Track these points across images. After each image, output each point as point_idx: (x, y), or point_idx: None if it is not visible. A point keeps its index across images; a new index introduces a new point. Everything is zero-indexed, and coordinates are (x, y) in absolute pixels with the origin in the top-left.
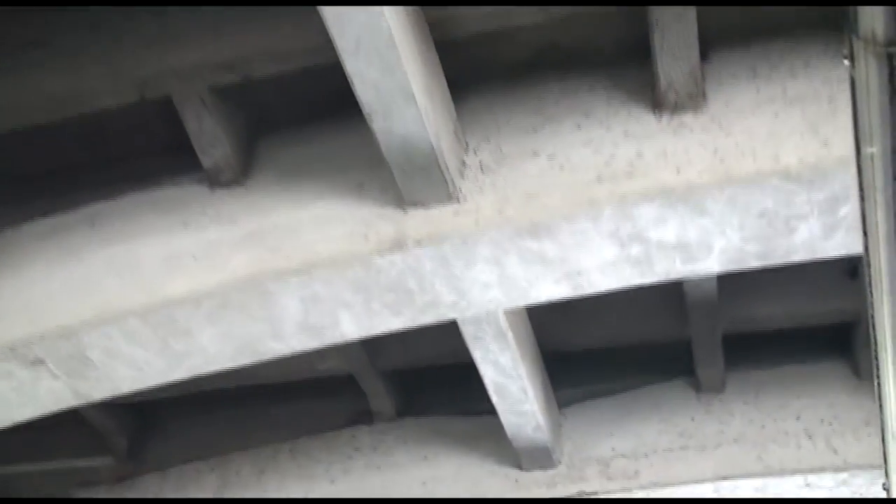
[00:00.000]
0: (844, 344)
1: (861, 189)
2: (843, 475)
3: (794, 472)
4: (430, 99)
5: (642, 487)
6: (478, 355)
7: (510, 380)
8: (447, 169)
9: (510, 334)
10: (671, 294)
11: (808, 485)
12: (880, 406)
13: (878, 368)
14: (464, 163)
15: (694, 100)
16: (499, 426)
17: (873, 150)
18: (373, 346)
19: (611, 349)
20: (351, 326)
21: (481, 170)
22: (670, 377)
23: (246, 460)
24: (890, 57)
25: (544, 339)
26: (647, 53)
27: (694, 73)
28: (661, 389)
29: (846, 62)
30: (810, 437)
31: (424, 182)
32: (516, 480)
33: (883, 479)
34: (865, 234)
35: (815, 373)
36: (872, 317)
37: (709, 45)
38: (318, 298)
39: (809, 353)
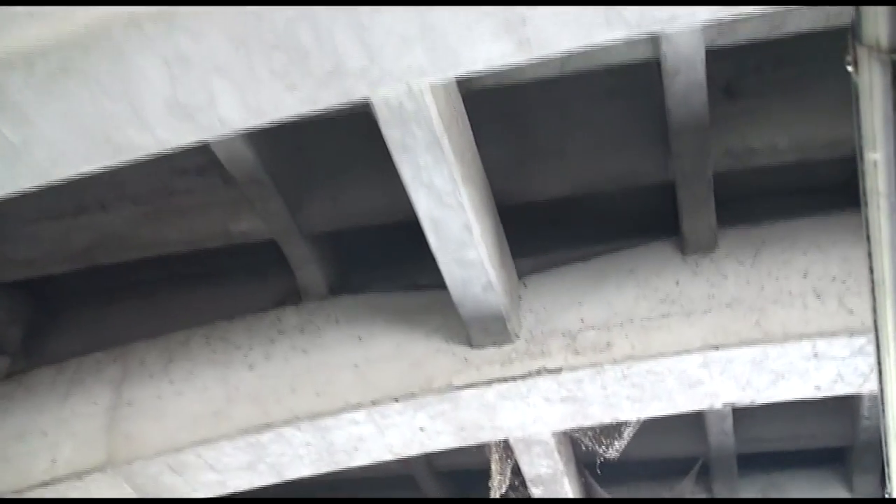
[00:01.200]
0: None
1: (864, 194)
2: (860, 340)
3: (801, 337)
4: None
5: (615, 361)
6: (408, 176)
7: (449, 211)
8: None
9: (446, 141)
10: (652, 120)
11: (816, 355)
12: (883, 410)
13: (881, 374)
14: None
15: None
16: (448, 301)
17: (876, 156)
18: (296, 201)
19: (578, 204)
20: (231, 104)
21: None
22: (651, 237)
23: (153, 349)
24: (894, 63)
25: (499, 191)
26: None
27: None
28: (639, 252)
29: (849, 68)
30: (819, 297)
31: None
32: (465, 359)
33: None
34: (869, 239)
35: (825, 226)
36: (876, 322)
37: None
38: (186, 60)
39: (816, 202)
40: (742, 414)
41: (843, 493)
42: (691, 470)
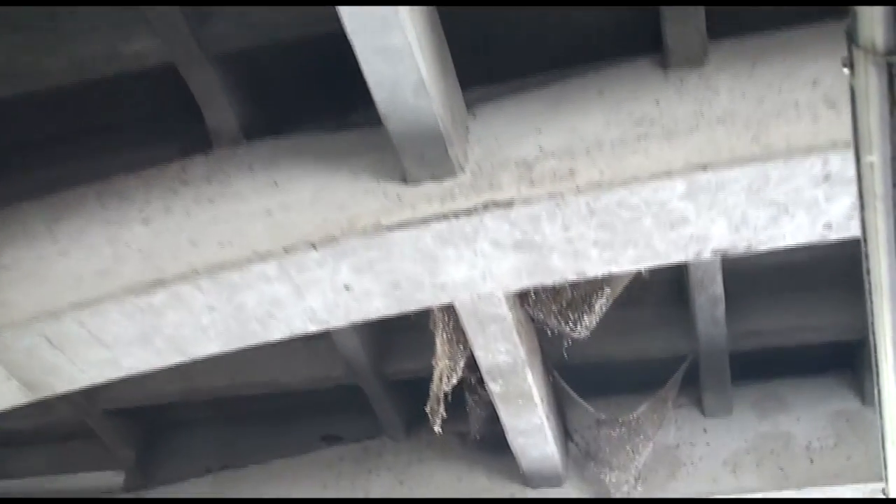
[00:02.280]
0: None
1: (861, 197)
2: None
3: (809, 150)
4: None
5: (578, 191)
6: None
7: None
8: None
9: None
10: None
11: (827, 177)
12: (881, 413)
13: (877, 376)
14: None
15: None
16: (382, 139)
17: (873, 158)
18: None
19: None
20: None
21: None
22: (625, 55)
23: (38, 209)
24: (890, 66)
25: None
26: None
27: None
28: (612, 72)
29: (846, 71)
30: (834, 106)
31: None
32: (398, 197)
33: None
34: (865, 241)
35: (836, 32)
36: (873, 324)
37: None
38: None
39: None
40: (736, 301)
41: (852, 403)
42: (675, 374)
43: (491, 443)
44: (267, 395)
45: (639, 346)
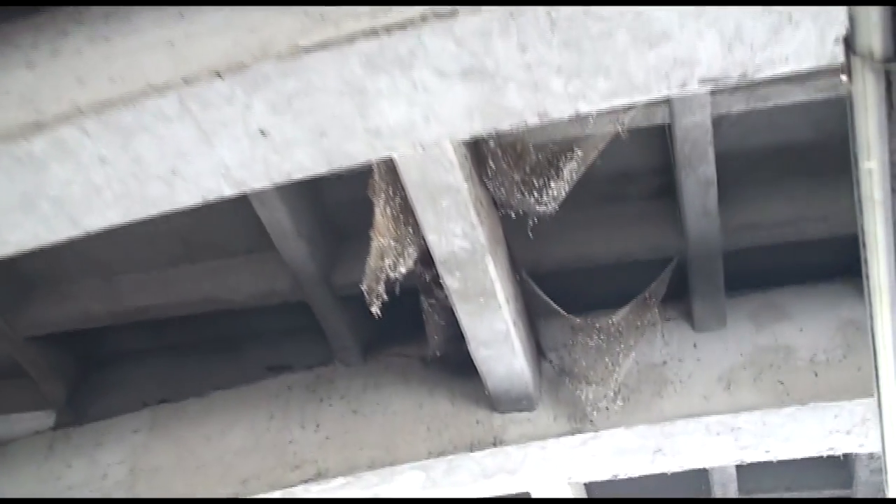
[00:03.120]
0: None
1: (860, 202)
2: None
3: None
4: None
5: None
6: None
7: None
8: None
9: None
10: None
11: None
12: (881, 417)
13: (878, 378)
14: None
15: None
16: None
17: (871, 164)
18: None
19: None
20: None
21: None
22: None
23: None
24: (888, 73)
25: None
26: None
27: None
28: None
29: (843, 77)
30: None
31: None
32: (321, 15)
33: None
34: (865, 246)
35: None
36: (873, 328)
37: None
38: None
39: None
40: (729, 192)
41: (858, 311)
42: (661, 274)
43: (456, 365)
44: (209, 319)
45: (620, 245)
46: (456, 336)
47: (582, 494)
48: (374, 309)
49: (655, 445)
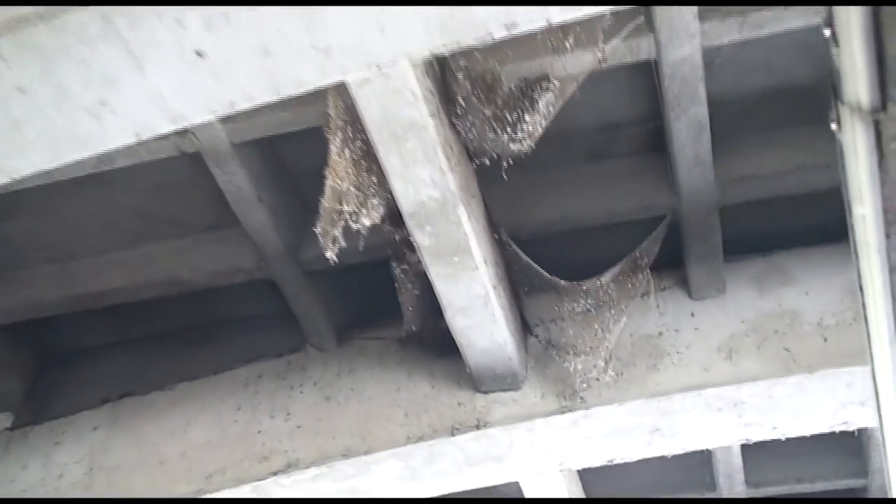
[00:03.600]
0: None
1: (854, 247)
2: None
3: None
4: None
5: None
6: None
7: None
8: None
9: None
10: None
11: None
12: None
13: (882, 429)
14: None
15: None
16: None
17: (865, 210)
18: None
19: None
20: None
21: None
22: None
23: None
24: (876, 122)
25: None
26: None
27: None
28: None
29: (833, 126)
30: None
31: None
32: None
33: None
34: (862, 290)
35: None
36: (874, 371)
37: None
38: None
39: None
40: (723, 142)
41: None
42: (653, 232)
43: (435, 344)
44: (173, 309)
45: (608, 204)
46: (433, 310)
47: (576, 484)
48: (330, 255)
49: (652, 424)
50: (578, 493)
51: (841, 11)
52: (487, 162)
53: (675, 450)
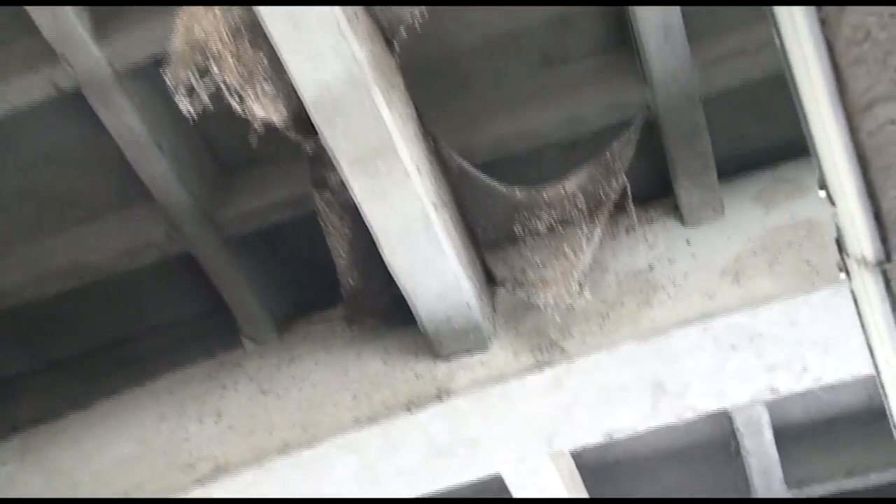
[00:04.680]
0: None
1: (883, 387)
2: None
3: None
4: None
5: None
6: None
7: None
8: None
9: None
10: None
11: None
12: None
13: None
14: None
15: None
16: None
17: (887, 353)
18: None
19: None
20: None
21: None
22: None
23: None
24: (884, 272)
25: None
26: None
27: None
28: None
29: (842, 276)
30: None
31: None
32: None
33: None
34: (894, 427)
35: None
36: None
37: None
38: None
39: None
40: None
41: None
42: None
43: (384, 311)
44: (89, 319)
45: (569, 109)
46: (371, 260)
47: (575, 477)
48: (185, 106)
49: (653, 376)
50: (575, 480)
51: (831, 173)
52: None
53: (686, 412)
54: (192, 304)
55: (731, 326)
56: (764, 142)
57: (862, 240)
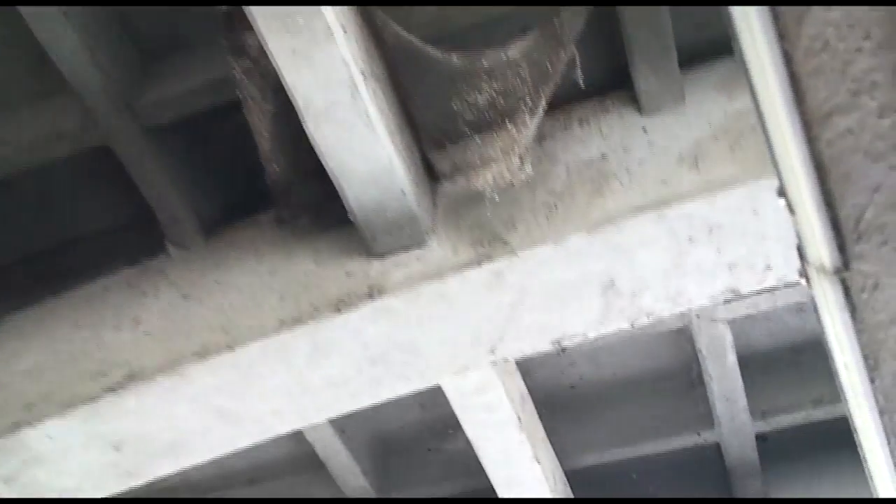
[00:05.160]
0: None
1: (842, 391)
2: None
3: None
4: None
5: None
6: None
7: None
8: None
9: None
10: None
11: None
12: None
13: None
14: None
15: None
16: None
17: (846, 358)
18: None
19: None
20: None
21: None
22: None
23: None
24: (843, 280)
25: None
26: None
27: None
28: None
29: (803, 282)
30: None
31: None
32: None
33: None
34: (856, 431)
35: None
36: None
37: None
38: None
39: None
40: None
41: None
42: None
43: (323, 217)
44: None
45: None
46: (303, 148)
47: (527, 402)
48: None
49: (605, 273)
50: (519, 385)
51: (790, 182)
52: None
53: (640, 316)
54: (114, 210)
55: (689, 216)
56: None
57: (821, 248)
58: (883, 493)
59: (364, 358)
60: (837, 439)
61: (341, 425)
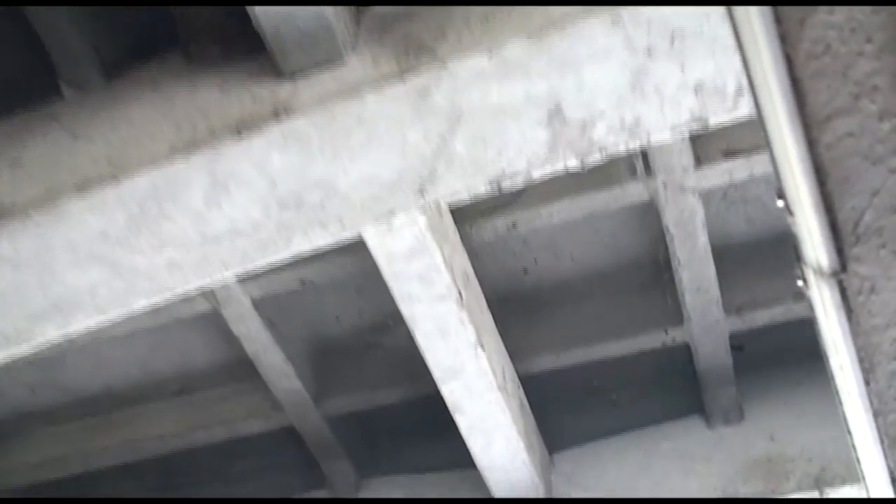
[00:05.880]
0: None
1: (837, 394)
2: None
3: None
4: None
5: None
6: None
7: None
8: None
9: None
10: None
11: None
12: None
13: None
14: None
15: None
16: None
17: (841, 360)
18: None
19: None
20: None
21: None
22: None
23: None
24: (840, 282)
25: None
26: None
27: None
28: None
29: (800, 283)
30: None
31: None
32: None
33: None
34: (850, 433)
35: None
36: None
37: None
38: None
39: None
40: None
41: None
42: None
43: (233, 44)
44: None
45: None
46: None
47: (464, 262)
48: None
49: (549, 94)
50: (452, 232)
51: (790, 184)
52: None
53: (592, 152)
54: (7, 55)
55: (649, 21)
56: None
57: (818, 250)
58: (876, 494)
59: (272, 197)
60: (818, 346)
61: (270, 316)
